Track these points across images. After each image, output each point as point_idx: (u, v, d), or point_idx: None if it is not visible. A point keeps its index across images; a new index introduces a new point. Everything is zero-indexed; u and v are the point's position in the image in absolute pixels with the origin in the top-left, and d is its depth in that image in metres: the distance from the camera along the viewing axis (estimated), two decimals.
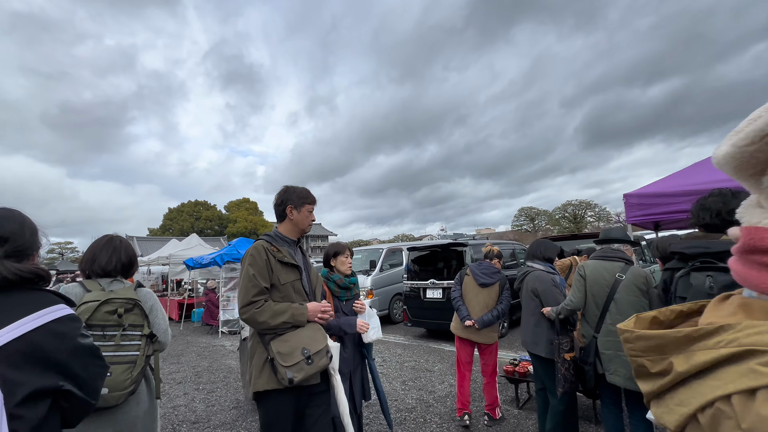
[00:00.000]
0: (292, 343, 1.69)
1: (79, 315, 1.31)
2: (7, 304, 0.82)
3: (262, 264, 1.74)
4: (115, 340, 1.52)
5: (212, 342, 7.67)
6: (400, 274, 9.01)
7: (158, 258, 11.42)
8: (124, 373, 1.51)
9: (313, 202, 1.98)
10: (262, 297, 1.70)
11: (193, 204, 53.85)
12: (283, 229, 1.94)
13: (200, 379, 5.07)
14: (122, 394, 1.50)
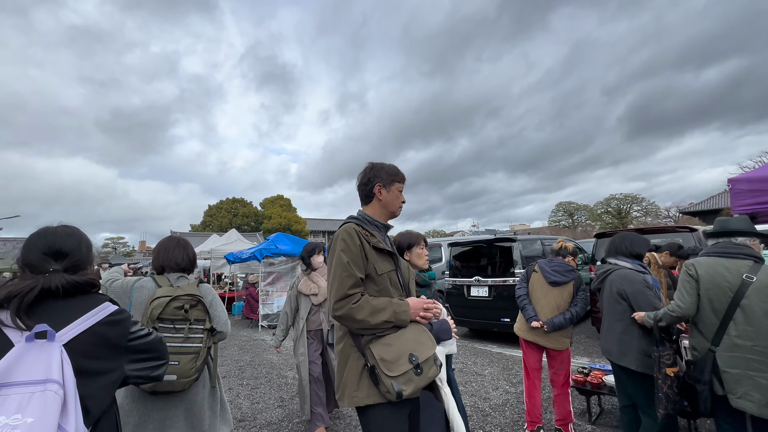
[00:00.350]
0: (397, 347, 1.40)
1: (152, 310, 1.60)
2: (68, 308, 1.00)
3: (356, 250, 1.46)
4: (184, 333, 1.67)
5: (253, 336, 7.72)
6: (439, 270, 8.70)
7: (200, 252, 11.74)
8: (189, 363, 1.64)
9: (403, 179, 1.70)
10: (358, 290, 1.43)
11: (231, 201, 55.85)
12: (371, 212, 1.66)
13: (243, 374, 5.03)
14: (188, 381, 1.64)
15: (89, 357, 0.98)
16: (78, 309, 1.01)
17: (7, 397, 0.80)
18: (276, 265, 9.14)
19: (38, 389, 0.83)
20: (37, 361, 0.87)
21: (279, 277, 9.43)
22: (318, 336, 3.29)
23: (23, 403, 0.81)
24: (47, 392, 0.83)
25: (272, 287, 9.17)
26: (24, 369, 0.85)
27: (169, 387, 1.61)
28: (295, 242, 9.93)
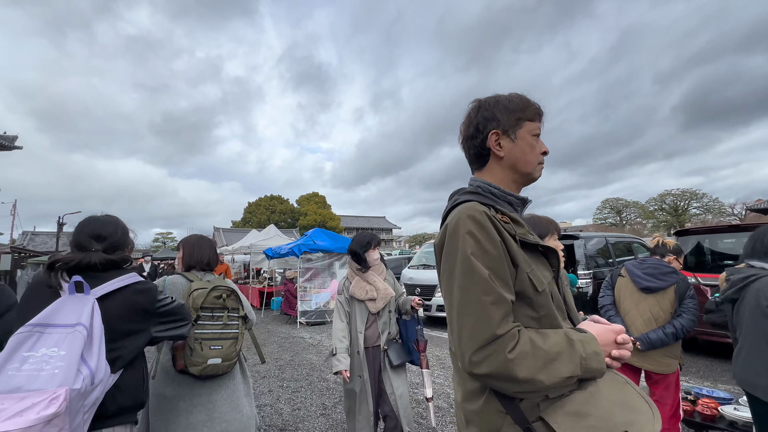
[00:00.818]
0: (598, 420, 0.78)
1: (195, 299, 1.71)
2: (104, 277, 1.29)
3: (497, 252, 0.83)
4: (223, 320, 1.79)
5: (291, 332, 7.56)
6: None
7: (240, 247, 11.92)
8: (230, 347, 1.78)
9: (538, 115, 1.01)
10: (512, 325, 0.81)
11: (269, 198, 57.65)
12: (493, 180, 1.01)
13: (284, 374, 4.80)
14: (230, 363, 1.78)
15: (124, 319, 1.25)
16: (111, 277, 1.29)
17: (50, 335, 1.07)
18: (314, 261, 8.97)
19: (71, 331, 1.08)
20: (73, 309, 1.12)
21: (317, 274, 9.27)
22: (374, 355, 2.45)
23: (60, 340, 1.06)
24: (76, 333, 1.08)
25: (310, 283, 9.02)
26: (63, 315, 1.11)
27: (214, 371, 1.71)
28: (333, 238, 9.71)
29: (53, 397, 0.98)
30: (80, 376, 1.06)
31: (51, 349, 1.05)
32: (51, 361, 1.04)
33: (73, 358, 1.06)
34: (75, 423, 1.04)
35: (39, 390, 0.99)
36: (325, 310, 8.68)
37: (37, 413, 0.95)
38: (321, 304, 8.68)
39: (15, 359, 1.03)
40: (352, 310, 2.51)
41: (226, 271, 9.40)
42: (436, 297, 7.52)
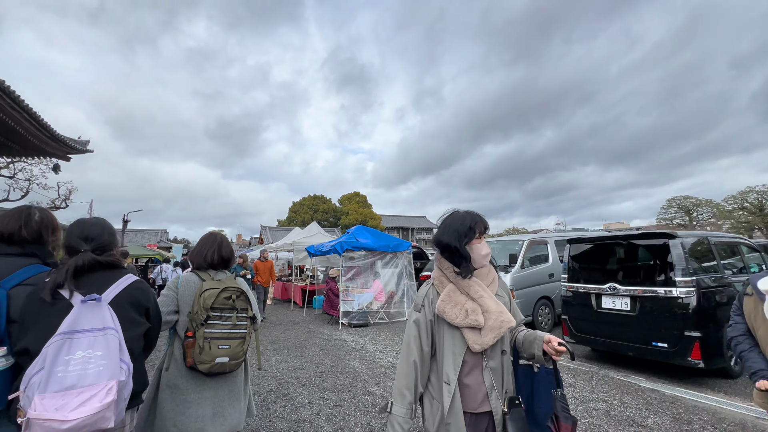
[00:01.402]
0: None
1: (205, 299, 1.78)
2: (104, 277, 1.41)
3: None
4: (232, 320, 1.84)
5: (333, 334, 7.17)
6: (546, 271, 7.19)
7: (283, 245, 11.85)
8: (238, 347, 1.83)
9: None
10: None
11: (312, 198, 59.01)
12: None
13: (325, 383, 4.35)
14: (237, 362, 1.83)
15: (128, 316, 1.40)
16: (112, 278, 1.43)
17: (80, 339, 1.20)
18: (356, 259, 8.54)
19: (100, 334, 1.23)
20: (94, 316, 1.26)
21: (359, 273, 8.84)
22: (477, 427, 1.44)
23: (91, 343, 1.21)
24: (108, 335, 1.25)
25: (352, 283, 8.61)
26: (86, 321, 1.24)
27: (222, 369, 1.78)
28: (376, 236, 9.23)
29: (108, 388, 1.17)
30: (123, 370, 1.25)
31: (87, 351, 1.20)
32: (92, 360, 1.19)
33: (114, 356, 1.23)
34: (119, 408, 1.22)
35: (93, 384, 1.16)
36: (367, 312, 8.21)
37: (99, 401, 1.13)
38: (364, 304, 8.23)
39: (59, 363, 1.15)
40: (439, 341, 1.49)
41: (270, 269, 9.25)
42: None
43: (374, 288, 8.64)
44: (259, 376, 4.60)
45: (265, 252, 9.83)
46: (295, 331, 7.55)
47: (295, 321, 8.78)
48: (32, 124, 12.37)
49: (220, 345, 1.78)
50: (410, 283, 9.10)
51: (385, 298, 8.74)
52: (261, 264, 9.10)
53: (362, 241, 8.63)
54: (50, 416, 1.06)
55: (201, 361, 1.73)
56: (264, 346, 6.17)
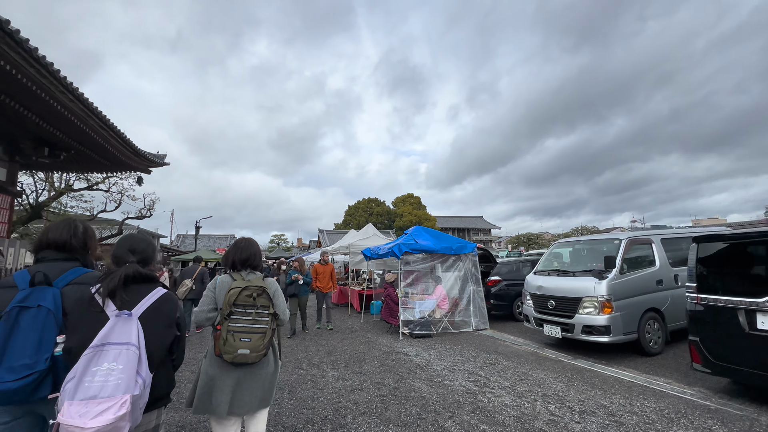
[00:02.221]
0: None
1: (230, 296, 2.02)
2: (139, 290, 1.57)
3: None
4: (252, 315, 2.04)
5: (394, 346, 6.47)
6: (653, 278, 5.80)
7: (339, 247, 11.51)
8: (258, 340, 2.01)
9: None
10: None
11: (367, 201, 59.53)
12: None
13: (388, 412, 3.65)
14: (258, 355, 2.01)
15: (155, 322, 1.53)
16: (146, 291, 1.58)
17: (108, 352, 1.35)
18: (413, 263, 7.78)
19: (124, 348, 1.38)
20: (123, 330, 1.41)
21: (419, 278, 8.06)
22: None
23: (116, 356, 1.36)
24: (129, 351, 1.38)
25: (412, 288, 7.86)
26: (116, 334, 1.39)
27: (244, 359, 1.97)
28: (437, 237, 8.40)
29: (123, 401, 1.31)
30: (137, 384, 1.38)
31: (111, 363, 1.35)
32: (113, 373, 1.34)
33: (131, 372, 1.37)
34: (135, 416, 1.37)
35: (110, 397, 1.31)
36: (430, 321, 7.40)
37: (114, 414, 1.28)
38: (425, 313, 7.43)
39: (88, 374, 1.32)
40: None
41: (331, 273, 8.61)
42: (581, 314, 5.54)
43: (436, 294, 7.80)
44: (315, 397, 4.04)
45: (325, 254, 9.19)
46: (352, 340, 6.99)
47: (353, 328, 8.25)
48: (118, 141, 13.46)
49: (242, 338, 1.98)
50: (477, 288, 8.11)
51: (449, 306, 7.87)
52: (321, 267, 8.33)
53: (422, 242, 7.86)
54: (74, 422, 1.23)
55: (225, 351, 1.96)
56: (320, 358, 5.66)
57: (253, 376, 2.10)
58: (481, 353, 5.90)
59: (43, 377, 1.44)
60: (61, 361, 1.46)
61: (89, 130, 12.06)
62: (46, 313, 1.49)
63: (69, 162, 16.20)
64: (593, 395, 4.04)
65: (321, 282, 8.21)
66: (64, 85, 9.23)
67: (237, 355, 1.95)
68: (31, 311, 1.47)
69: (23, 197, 20.05)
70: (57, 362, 1.47)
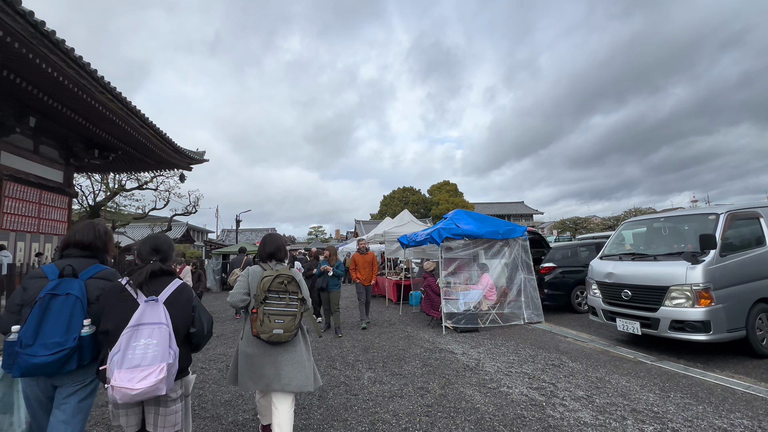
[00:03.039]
0: None
1: (264, 283, 2.35)
2: (161, 281, 1.86)
3: None
4: (285, 300, 2.36)
5: (437, 342, 5.76)
6: (764, 260, 4.59)
7: (374, 236, 10.91)
8: (290, 322, 2.34)
9: None
10: None
11: (402, 190, 58.72)
12: None
13: (434, 428, 2.97)
14: (291, 334, 2.34)
15: (177, 308, 1.82)
16: (167, 282, 1.87)
17: (143, 330, 1.66)
18: (455, 249, 6.97)
19: (156, 326, 1.68)
20: (153, 313, 1.71)
21: (462, 266, 7.26)
22: None
23: (150, 333, 1.66)
24: (161, 328, 1.69)
25: (454, 278, 7.08)
26: (147, 316, 1.69)
27: (278, 338, 2.30)
28: (481, 220, 7.51)
29: (160, 368, 1.63)
30: (170, 355, 1.68)
31: (147, 339, 1.66)
32: (150, 347, 1.65)
33: (165, 345, 1.68)
34: (169, 381, 1.68)
35: (150, 365, 1.61)
36: (476, 313, 6.60)
37: (155, 378, 1.60)
38: (471, 304, 6.64)
39: (130, 348, 1.63)
40: None
41: (372, 263, 7.89)
42: (668, 306, 4.49)
43: (483, 283, 6.97)
44: (348, 405, 3.45)
45: (363, 242, 8.24)
46: (391, 335, 6.37)
47: (391, 321, 7.63)
48: (158, 139, 13.75)
49: (276, 320, 2.32)
50: (528, 277, 7.16)
51: (496, 296, 7.01)
52: (360, 257, 7.32)
53: (464, 227, 7.02)
54: (124, 385, 1.57)
55: (262, 331, 2.29)
56: (355, 356, 5.09)
57: (289, 353, 2.42)
58: (541, 352, 5.04)
59: (72, 354, 1.71)
60: (86, 340, 1.76)
61: (131, 129, 12.33)
62: (74, 300, 1.77)
63: (118, 162, 16.97)
64: (702, 413, 3.10)
65: (362, 273, 7.18)
66: (102, 84, 9.39)
67: (272, 335, 2.28)
68: (61, 298, 1.76)
69: (82, 198, 21.54)
70: (83, 342, 1.75)
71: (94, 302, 1.81)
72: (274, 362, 2.37)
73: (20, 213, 11.69)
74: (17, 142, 11.51)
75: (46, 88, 9.04)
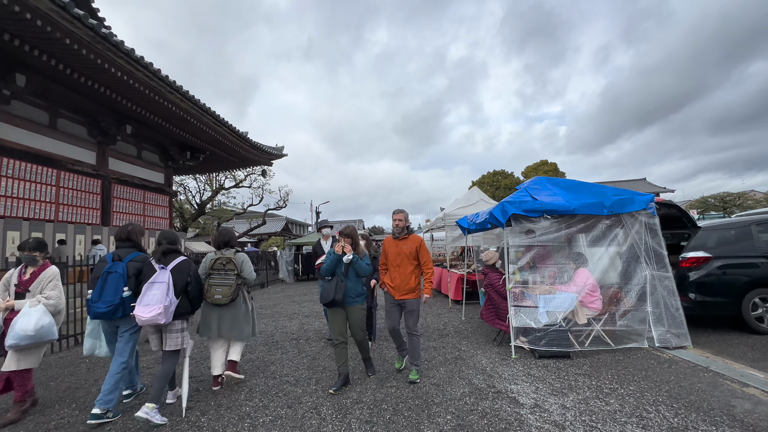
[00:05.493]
0: None
1: (210, 263, 3.49)
2: (171, 257, 3.20)
3: None
4: (222, 275, 3.44)
5: (496, 373, 3.68)
6: None
7: (436, 220, 8.93)
8: (227, 290, 3.37)
9: None
10: None
11: (492, 174, 53.81)
12: None
13: None
14: (228, 299, 3.36)
15: (179, 273, 3.09)
16: (174, 257, 3.17)
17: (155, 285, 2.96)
18: (534, 234, 4.64)
19: (160, 284, 2.94)
20: (162, 275, 2.99)
21: (544, 256, 4.87)
22: None
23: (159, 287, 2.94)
24: (163, 285, 2.94)
25: (533, 274, 4.77)
26: (158, 277, 2.97)
27: (219, 302, 3.37)
28: (573, 189, 5.02)
29: (159, 307, 2.84)
30: (167, 299, 2.88)
31: (155, 291, 2.89)
32: (155, 295, 2.87)
33: (163, 294, 2.88)
34: (167, 315, 2.88)
35: (153, 305, 2.84)
36: (566, 329, 4.23)
37: (156, 312, 2.82)
38: (559, 315, 4.29)
39: (145, 295, 2.88)
40: None
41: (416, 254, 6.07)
42: None
43: (578, 283, 4.52)
44: None
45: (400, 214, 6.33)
46: (433, 354, 4.46)
47: (445, 331, 5.66)
48: (234, 136, 14.11)
49: (217, 288, 3.38)
50: (659, 273, 4.42)
51: (602, 304, 4.48)
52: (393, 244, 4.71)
53: (545, 199, 4.66)
54: (139, 314, 2.82)
55: (207, 297, 3.38)
56: (359, 394, 3.42)
57: (229, 312, 3.46)
58: (693, 415, 2.60)
59: (118, 307, 2.96)
60: (126, 299, 3.00)
61: (207, 128, 12.76)
62: (119, 276, 3.04)
63: (208, 163, 18.33)
64: None
65: (395, 276, 3.80)
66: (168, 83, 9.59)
67: (214, 299, 3.36)
68: (113, 274, 3.04)
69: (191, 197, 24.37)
70: (124, 300, 2.99)
71: (132, 276, 3.11)
72: (218, 319, 3.46)
73: (127, 211, 13.00)
74: (122, 149, 12.86)
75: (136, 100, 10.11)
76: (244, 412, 3.05)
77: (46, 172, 9.73)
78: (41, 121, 9.81)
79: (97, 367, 4.44)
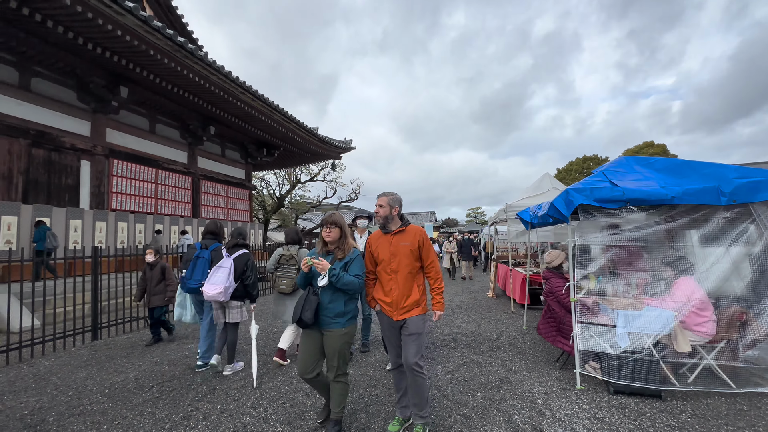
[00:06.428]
0: None
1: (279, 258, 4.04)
2: (235, 249, 3.81)
3: None
4: (286, 268, 3.94)
5: (549, 412, 2.84)
6: None
7: (498, 212, 7.85)
8: (291, 282, 3.86)
9: None
10: None
11: (582, 161, 47.52)
12: None
13: None
14: (290, 289, 3.87)
15: (239, 261, 3.71)
16: (237, 249, 3.79)
17: (220, 268, 3.62)
18: (615, 229, 3.53)
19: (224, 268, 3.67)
20: (226, 262, 3.64)
21: (628, 259, 3.71)
22: None
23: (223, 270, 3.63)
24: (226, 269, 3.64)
25: (610, 282, 3.67)
26: (223, 263, 3.64)
27: (284, 291, 3.90)
28: (673, 171, 3.79)
29: (221, 286, 3.50)
30: (228, 280, 3.54)
31: (220, 272, 3.58)
32: (220, 277, 3.54)
33: (225, 277, 3.54)
34: (226, 294, 3.53)
35: (217, 284, 3.51)
36: (657, 360, 3.11)
37: (217, 290, 3.48)
38: (647, 339, 3.20)
39: (213, 276, 3.58)
40: None
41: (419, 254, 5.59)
42: None
43: (679, 297, 3.32)
44: None
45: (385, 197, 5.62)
46: (475, 374, 3.71)
47: (497, 343, 4.77)
48: (302, 131, 14.73)
49: (283, 280, 3.90)
50: None
51: (716, 328, 3.23)
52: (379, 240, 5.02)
53: (630, 184, 3.51)
54: (206, 290, 3.53)
55: (276, 287, 3.95)
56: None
57: (291, 300, 3.92)
58: None
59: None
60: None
61: (278, 125, 13.59)
62: (205, 261, 3.80)
63: (282, 159, 19.53)
64: None
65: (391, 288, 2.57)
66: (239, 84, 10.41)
67: (281, 288, 3.91)
68: (201, 259, 3.82)
69: (271, 191, 26.37)
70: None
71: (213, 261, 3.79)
72: (282, 305, 4.00)
73: (213, 205, 14.49)
74: (208, 148, 14.36)
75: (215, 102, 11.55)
76: (240, 423, 2.77)
77: (147, 171, 11.25)
78: (143, 126, 11.36)
79: None
